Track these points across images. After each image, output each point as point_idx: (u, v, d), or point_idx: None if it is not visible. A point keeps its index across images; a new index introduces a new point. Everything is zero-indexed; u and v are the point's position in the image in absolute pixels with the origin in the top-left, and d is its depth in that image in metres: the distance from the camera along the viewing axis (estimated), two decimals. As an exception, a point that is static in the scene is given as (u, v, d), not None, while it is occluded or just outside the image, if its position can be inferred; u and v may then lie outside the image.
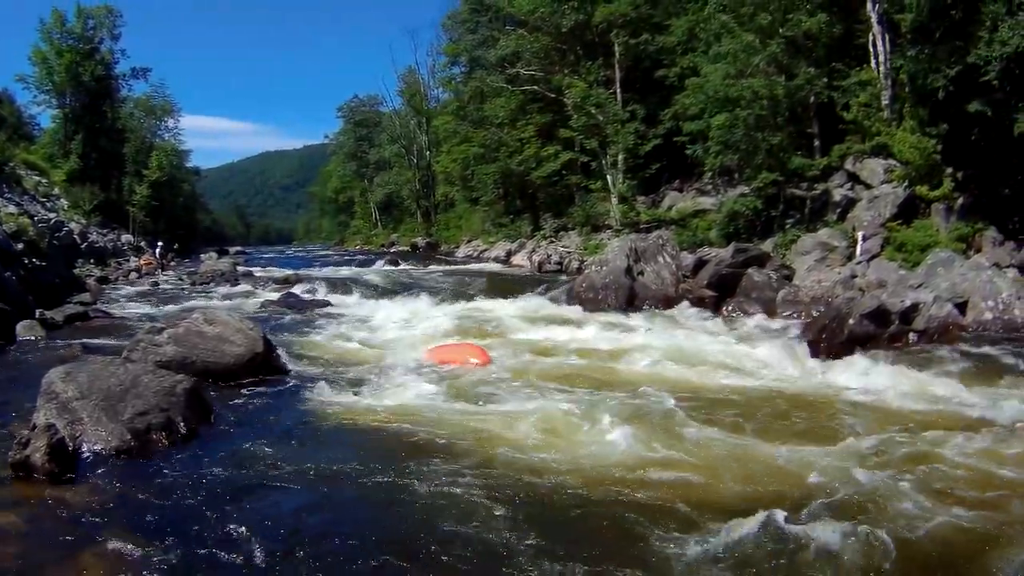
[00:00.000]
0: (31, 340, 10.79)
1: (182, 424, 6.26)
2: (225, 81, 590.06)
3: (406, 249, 48.44)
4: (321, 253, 53.92)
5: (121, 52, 45.74)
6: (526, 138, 34.91)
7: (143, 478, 5.36)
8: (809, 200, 18.95)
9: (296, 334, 11.71)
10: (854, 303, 11.08)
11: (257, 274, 25.79)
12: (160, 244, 34.78)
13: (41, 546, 4.34)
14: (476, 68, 42.34)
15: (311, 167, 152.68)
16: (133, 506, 4.88)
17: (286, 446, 6.15)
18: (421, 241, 49.70)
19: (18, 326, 11.13)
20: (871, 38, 18.68)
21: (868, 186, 17.91)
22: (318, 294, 17.52)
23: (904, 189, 16.29)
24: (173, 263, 33.98)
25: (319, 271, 27.84)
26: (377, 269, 27.80)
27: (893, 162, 17.03)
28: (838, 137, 19.35)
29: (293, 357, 9.40)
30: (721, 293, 14.75)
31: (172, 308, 14.65)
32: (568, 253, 28.49)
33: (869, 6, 18.31)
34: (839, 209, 18.04)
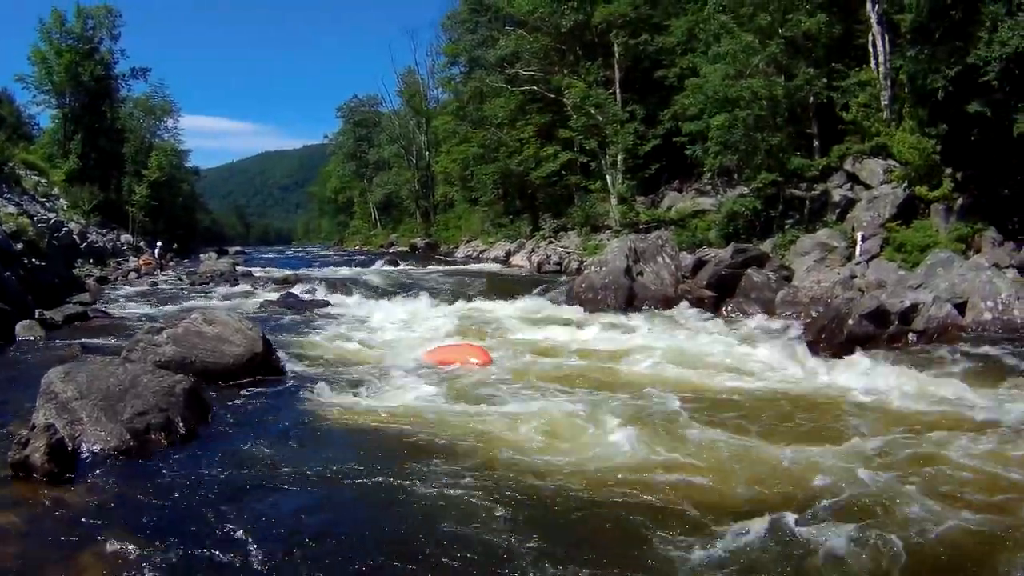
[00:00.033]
0: (30, 340, 10.79)
1: (181, 424, 6.26)
2: (225, 81, 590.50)
3: (405, 249, 48.40)
4: (320, 253, 53.85)
5: (121, 52, 45.73)
6: (525, 138, 34.85)
7: (142, 478, 5.36)
8: (808, 200, 18.95)
9: (295, 334, 11.71)
10: (853, 303, 11.09)
11: (256, 274, 25.76)
12: (159, 244, 34.80)
13: (40, 546, 4.34)
14: (475, 68, 42.29)
15: (310, 167, 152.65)
16: (132, 506, 4.88)
17: (285, 446, 6.15)
18: (420, 241, 49.62)
19: (17, 326, 11.14)
20: (871, 38, 18.69)
21: (867, 186, 17.91)
22: (317, 294, 17.50)
23: (903, 189, 16.30)
24: (172, 263, 33.95)
25: (318, 271, 27.81)
26: (376, 269, 27.76)
27: (892, 162, 17.04)
28: (837, 137, 19.36)
29: (292, 357, 9.39)
30: (720, 293, 14.75)
31: (171, 308, 14.64)
32: (567, 253, 28.46)
33: (869, 6, 18.32)
34: (838, 209, 18.04)
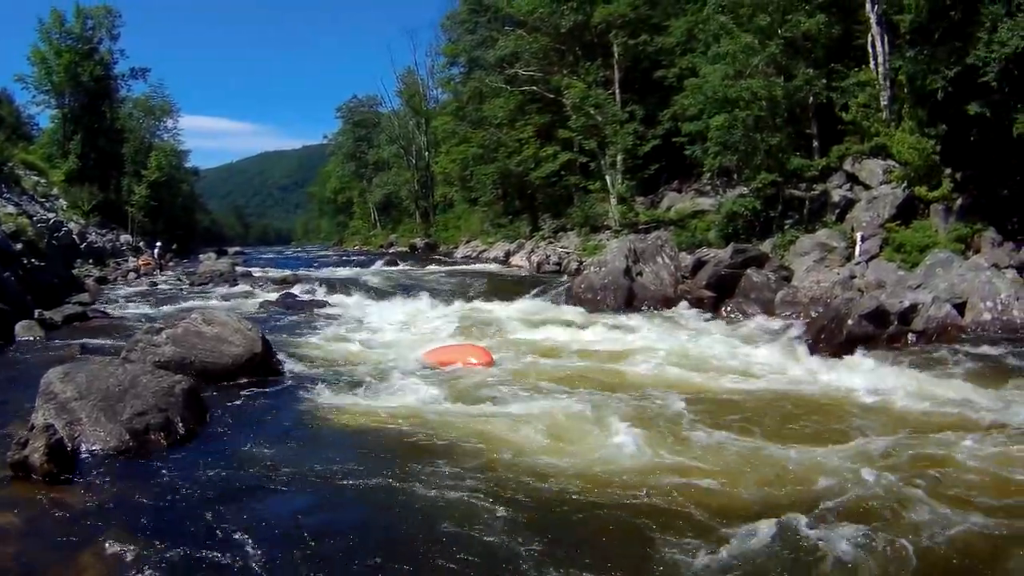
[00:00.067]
0: (30, 340, 10.80)
1: (180, 424, 6.26)
2: (224, 81, 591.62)
3: (405, 250, 48.39)
4: (320, 253, 53.81)
5: (120, 52, 45.73)
6: (525, 138, 34.82)
7: (141, 478, 5.36)
8: (808, 201, 18.94)
9: (295, 335, 11.71)
10: (853, 304, 11.09)
11: (256, 274, 25.74)
12: (158, 244, 34.75)
13: (40, 546, 4.34)
14: (475, 68, 42.27)
15: (310, 167, 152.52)
16: (131, 506, 4.88)
17: (284, 447, 6.15)
18: (420, 242, 49.58)
19: (17, 326, 11.15)
20: (870, 39, 18.68)
21: (867, 187, 17.90)
22: (317, 295, 17.51)
23: (903, 190, 16.30)
24: (171, 263, 33.92)
25: (317, 272, 27.81)
26: (376, 270, 27.74)
27: (892, 163, 17.02)
28: (837, 138, 19.35)
29: (292, 358, 9.39)
30: (720, 294, 14.74)
31: (170, 308, 14.63)
32: (567, 254, 28.43)
33: (868, 7, 18.31)
34: (838, 210, 18.03)
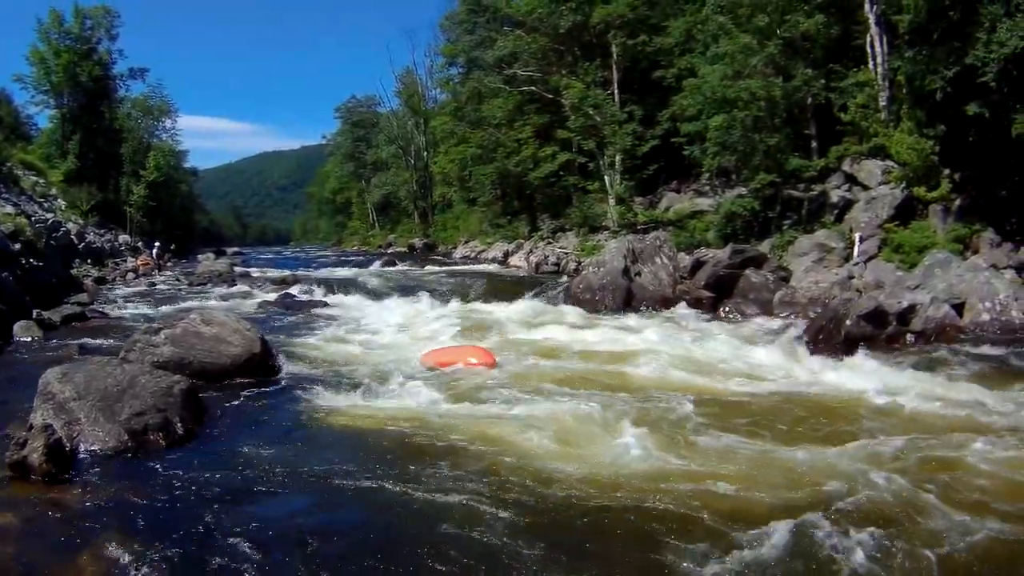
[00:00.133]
0: (28, 340, 10.80)
1: (179, 425, 6.26)
2: (223, 81, 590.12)
3: (403, 250, 48.38)
4: (318, 254, 53.79)
5: (119, 52, 45.77)
6: (524, 139, 34.82)
7: (140, 478, 5.36)
8: (806, 201, 18.95)
9: (293, 335, 11.69)
10: (851, 304, 11.09)
11: (254, 275, 25.74)
12: (157, 244, 34.78)
13: (38, 546, 4.34)
14: (474, 69, 42.25)
15: (309, 168, 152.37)
16: (130, 506, 4.87)
17: (283, 448, 6.14)
18: (418, 242, 49.58)
19: (15, 326, 11.15)
20: (869, 39, 18.69)
21: (865, 187, 17.91)
22: (315, 295, 17.49)
23: (901, 190, 16.31)
24: (170, 263, 33.94)
25: (316, 272, 27.80)
26: (374, 270, 27.71)
27: (891, 163, 17.04)
28: (835, 138, 19.36)
29: (290, 358, 9.37)
30: (718, 294, 14.74)
31: (169, 309, 14.62)
32: (565, 254, 28.44)
33: (867, 7, 18.33)
34: (836, 210, 18.04)
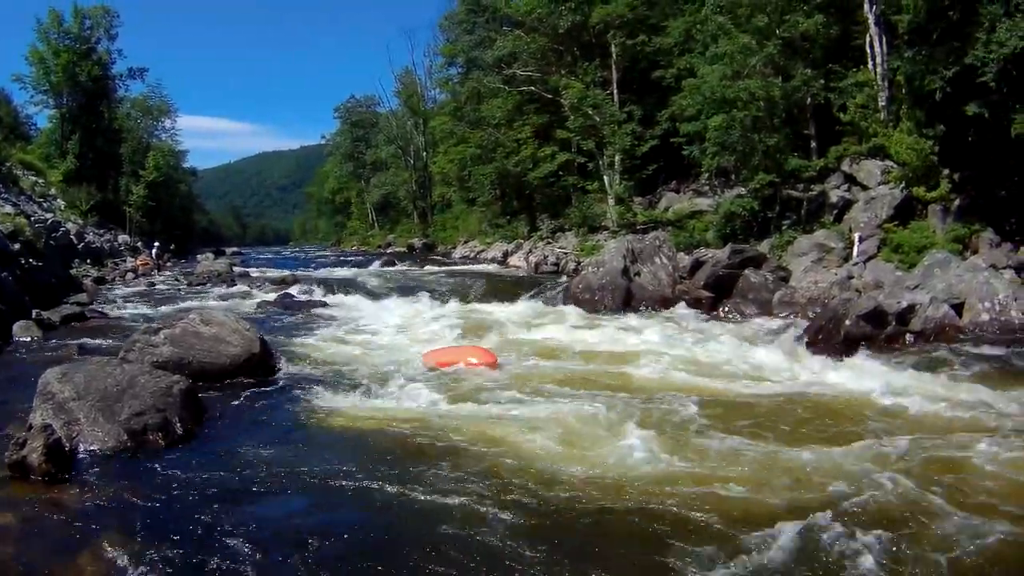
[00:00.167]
0: (27, 340, 10.80)
1: (178, 425, 6.26)
2: (223, 81, 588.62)
3: (403, 250, 48.36)
4: (318, 254, 53.78)
5: (118, 52, 45.74)
6: (523, 139, 34.80)
7: (139, 478, 5.36)
8: (806, 201, 18.95)
9: (293, 335, 11.69)
10: (851, 304, 11.08)
11: (253, 275, 25.71)
12: (156, 244, 34.81)
13: (38, 546, 4.34)
14: (473, 69, 42.19)
15: (308, 168, 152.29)
16: (129, 506, 4.87)
17: (282, 448, 6.13)
18: (418, 242, 49.56)
19: (14, 326, 11.15)
20: (868, 39, 18.70)
21: (865, 187, 17.91)
22: (315, 295, 17.48)
23: (901, 190, 16.31)
24: (169, 263, 33.95)
25: (316, 272, 27.79)
26: (374, 270, 27.70)
27: (890, 163, 17.05)
28: (835, 138, 19.37)
29: (290, 358, 9.37)
30: (718, 294, 14.74)
31: (168, 309, 14.62)
32: (565, 254, 28.42)
33: (866, 7, 18.33)
34: (836, 210, 18.05)
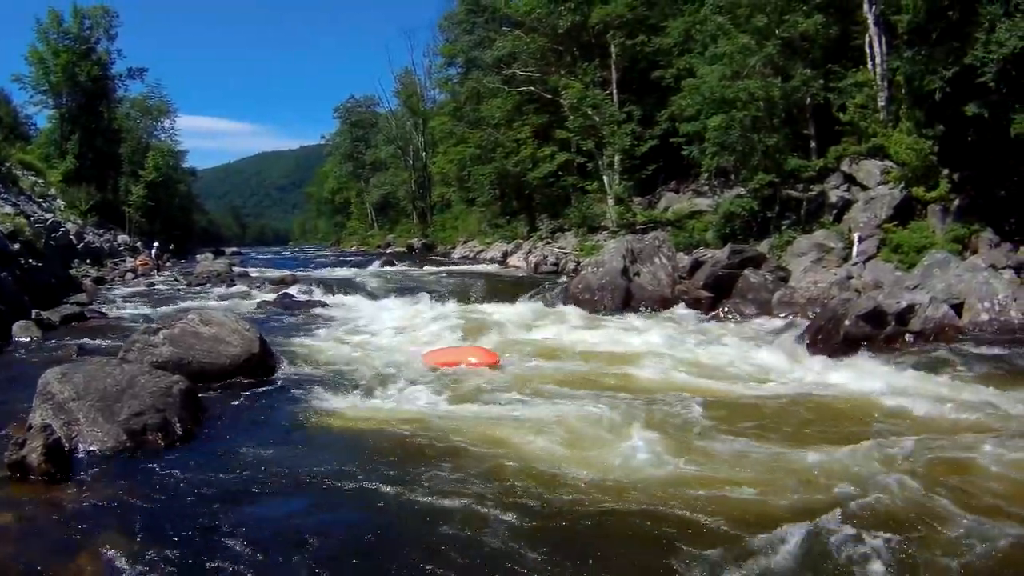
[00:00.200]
0: (27, 340, 10.79)
1: (178, 425, 6.25)
2: (222, 81, 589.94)
3: (402, 250, 48.37)
4: (317, 254, 53.78)
5: (117, 52, 45.69)
6: (522, 139, 34.83)
7: (139, 479, 5.35)
8: (805, 201, 18.96)
9: (292, 335, 11.68)
10: (850, 304, 11.07)
11: (253, 275, 25.68)
12: (156, 244, 34.83)
13: (37, 546, 4.34)
14: (472, 69, 42.21)
15: (307, 168, 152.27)
16: (129, 507, 4.87)
17: (282, 448, 6.13)
18: (417, 242, 49.59)
19: (14, 326, 11.13)
20: (868, 39, 18.71)
21: (864, 187, 17.92)
22: (314, 295, 17.48)
23: (900, 190, 16.32)
24: (169, 264, 33.94)
25: (315, 272, 27.80)
26: (373, 270, 27.72)
27: (889, 163, 17.05)
28: (834, 138, 19.38)
29: (289, 359, 9.37)
30: (717, 294, 14.73)
31: (168, 309, 14.60)
32: (564, 254, 28.43)
33: (866, 7, 18.34)
34: (835, 210, 18.06)
